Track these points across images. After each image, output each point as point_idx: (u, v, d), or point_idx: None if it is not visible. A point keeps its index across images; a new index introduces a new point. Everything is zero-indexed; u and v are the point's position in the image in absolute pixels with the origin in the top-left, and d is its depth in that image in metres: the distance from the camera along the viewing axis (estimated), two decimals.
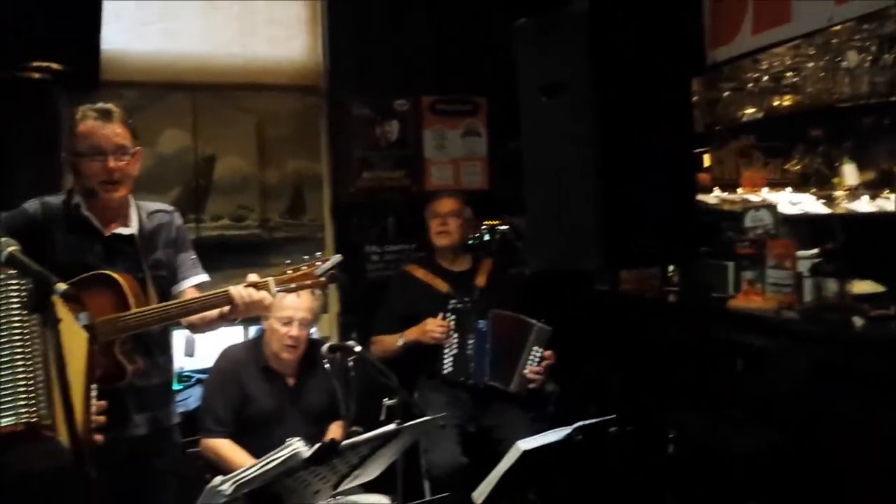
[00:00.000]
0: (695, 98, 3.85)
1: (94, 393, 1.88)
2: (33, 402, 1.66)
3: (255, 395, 3.21)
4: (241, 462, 2.98)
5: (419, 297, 3.77)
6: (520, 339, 3.61)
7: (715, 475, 3.07)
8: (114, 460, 2.15)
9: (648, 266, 3.80)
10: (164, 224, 2.58)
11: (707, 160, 4.06)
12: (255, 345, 3.35)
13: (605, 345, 3.67)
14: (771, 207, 3.49)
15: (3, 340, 1.68)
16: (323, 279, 2.40)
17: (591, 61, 2.72)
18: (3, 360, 1.67)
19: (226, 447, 3.13)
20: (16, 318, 1.69)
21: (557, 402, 3.71)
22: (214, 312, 2.42)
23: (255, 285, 2.36)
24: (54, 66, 3.75)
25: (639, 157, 2.78)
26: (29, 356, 1.69)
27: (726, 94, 3.91)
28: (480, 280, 3.84)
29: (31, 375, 1.68)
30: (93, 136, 2.38)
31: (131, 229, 2.48)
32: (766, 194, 3.66)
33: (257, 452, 2.83)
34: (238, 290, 2.34)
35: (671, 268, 3.89)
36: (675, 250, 2.98)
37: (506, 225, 4.59)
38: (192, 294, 2.52)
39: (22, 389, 1.66)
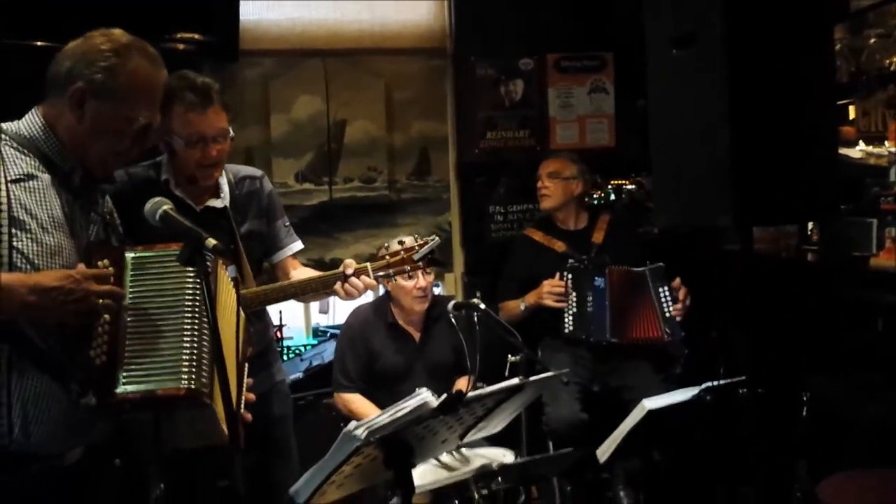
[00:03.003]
0: (837, 46, 3.63)
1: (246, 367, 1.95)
2: (195, 368, 1.70)
3: (382, 351, 3.34)
4: (372, 414, 3.11)
5: (538, 259, 3.80)
6: (640, 291, 3.59)
7: (850, 440, 2.95)
8: None
9: (782, 224, 3.64)
10: (255, 192, 2.52)
11: (852, 112, 3.82)
12: (382, 303, 3.48)
13: (736, 306, 3.56)
14: None
15: (174, 308, 1.74)
16: (420, 264, 2.38)
17: (723, 9, 2.61)
18: (172, 326, 1.73)
19: (357, 401, 3.29)
20: (189, 289, 1.75)
21: (686, 364, 3.65)
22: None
23: (354, 273, 2.37)
24: (197, 36, 3.95)
25: (775, 109, 2.66)
26: (197, 325, 1.73)
27: (872, 41, 3.65)
28: (597, 237, 3.81)
29: (195, 343, 1.72)
30: (195, 123, 2.28)
31: (224, 201, 2.44)
32: None
33: (386, 406, 2.95)
34: (339, 287, 2.37)
35: (811, 226, 3.72)
36: (812, 207, 2.85)
37: (634, 184, 4.51)
38: (291, 264, 2.56)
39: (186, 356, 1.70)
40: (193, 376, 1.70)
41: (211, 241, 1.73)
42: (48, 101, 1.82)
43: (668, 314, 3.55)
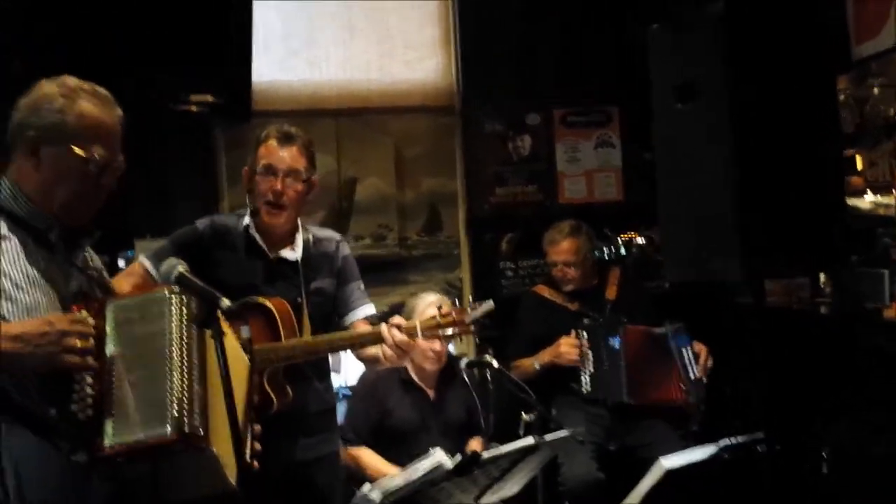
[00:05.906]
0: (842, 97, 3.66)
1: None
2: (186, 412, 1.65)
3: (396, 407, 3.31)
4: (380, 468, 3.08)
5: (550, 317, 3.74)
6: (661, 351, 3.52)
7: (870, 493, 2.89)
8: (265, 490, 2.18)
9: (792, 276, 3.63)
10: (329, 253, 2.56)
11: (859, 162, 3.84)
12: None
13: (750, 359, 3.53)
14: None
15: (159, 354, 1.70)
16: (472, 327, 2.34)
17: (726, 64, 2.66)
18: (157, 372, 1.68)
19: (365, 455, 3.25)
20: (174, 333, 1.72)
21: (702, 420, 3.59)
22: (370, 352, 2.42)
23: (400, 327, 2.33)
24: (210, 98, 4.03)
25: (781, 160, 2.69)
26: (185, 368, 1.69)
27: (876, 91, 3.69)
28: (610, 293, 3.76)
29: (185, 386, 1.67)
30: (269, 156, 2.42)
31: (296, 254, 2.48)
32: None
33: (400, 463, 2.92)
34: (385, 330, 2.32)
35: (822, 277, 3.70)
36: (821, 258, 2.85)
37: (642, 237, 4.51)
38: (361, 326, 2.54)
39: (176, 400, 1.65)
40: (185, 419, 1.64)
41: (225, 302, 1.73)
42: (11, 160, 1.81)
43: (693, 376, 3.46)
